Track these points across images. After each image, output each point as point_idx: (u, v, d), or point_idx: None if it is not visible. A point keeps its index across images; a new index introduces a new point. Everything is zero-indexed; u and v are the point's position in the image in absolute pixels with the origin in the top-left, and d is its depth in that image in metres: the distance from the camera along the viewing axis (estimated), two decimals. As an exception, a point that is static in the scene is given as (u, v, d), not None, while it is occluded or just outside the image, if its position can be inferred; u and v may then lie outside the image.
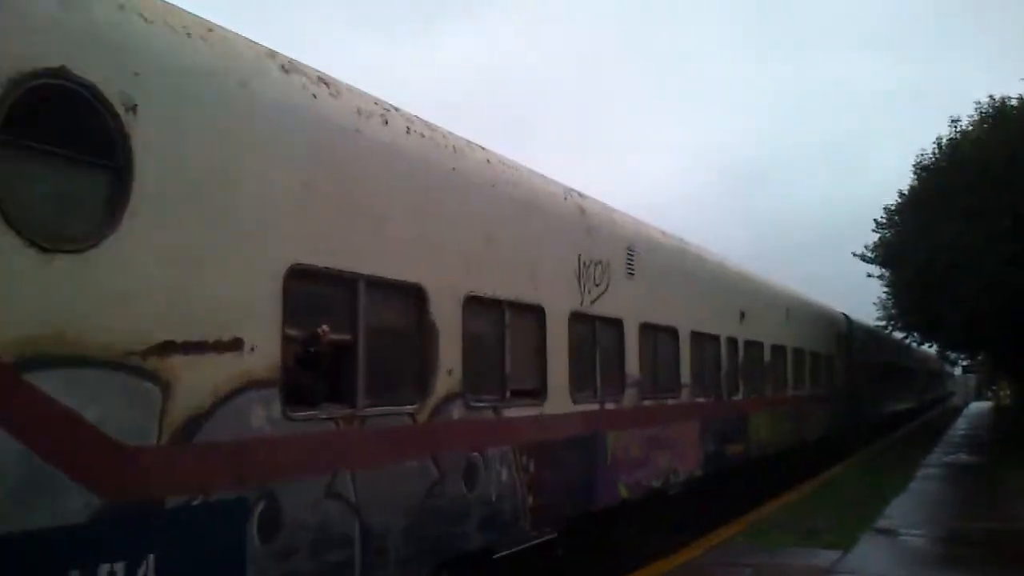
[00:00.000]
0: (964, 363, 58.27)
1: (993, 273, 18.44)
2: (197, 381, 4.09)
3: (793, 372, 16.44)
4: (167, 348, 3.94)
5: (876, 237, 26.59)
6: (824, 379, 19.63)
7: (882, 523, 11.19)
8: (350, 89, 5.53)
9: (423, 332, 5.78)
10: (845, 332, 22.80)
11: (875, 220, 26.34)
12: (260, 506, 4.40)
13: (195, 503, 4.05)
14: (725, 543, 9.85)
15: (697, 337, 11.21)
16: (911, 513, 12.22)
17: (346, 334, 5.15)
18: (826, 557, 8.92)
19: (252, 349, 4.38)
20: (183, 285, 4.06)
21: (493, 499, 6.39)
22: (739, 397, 12.96)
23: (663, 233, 10.87)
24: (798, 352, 17.00)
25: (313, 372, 4.97)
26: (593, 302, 8.33)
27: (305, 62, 5.22)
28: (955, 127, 22.51)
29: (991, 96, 21.54)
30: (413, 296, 5.73)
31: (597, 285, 8.47)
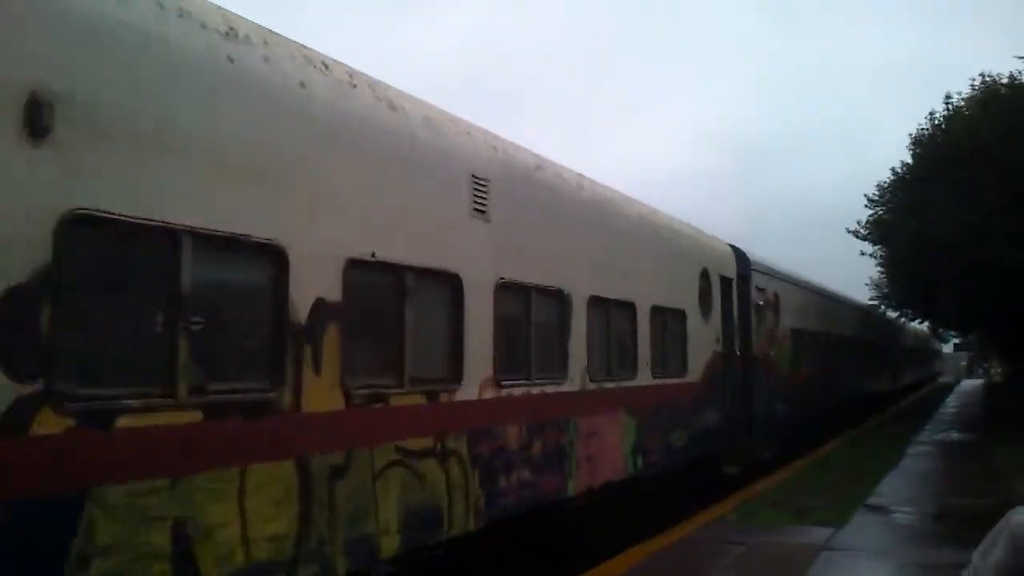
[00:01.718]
0: (956, 341, 58.00)
1: (986, 251, 18.03)
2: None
3: (502, 343, 6.67)
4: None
5: (869, 214, 26.07)
6: (661, 359, 9.96)
7: (874, 500, 11.24)
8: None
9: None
10: (732, 277, 12.98)
11: (867, 196, 25.76)
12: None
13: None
14: (716, 521, 9.78)
15: None
16: (903, 490, 12.29)
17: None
18: (818, 534, 8.90)
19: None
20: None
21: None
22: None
23: None
24: (538, 298, 7.28)
25: None
26: None
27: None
28: (949, 104, 22.32)
29: (981, 74, 21.68)
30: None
31: None
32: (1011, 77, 20.74)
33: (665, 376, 10.05)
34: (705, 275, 11.72)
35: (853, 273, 32.68)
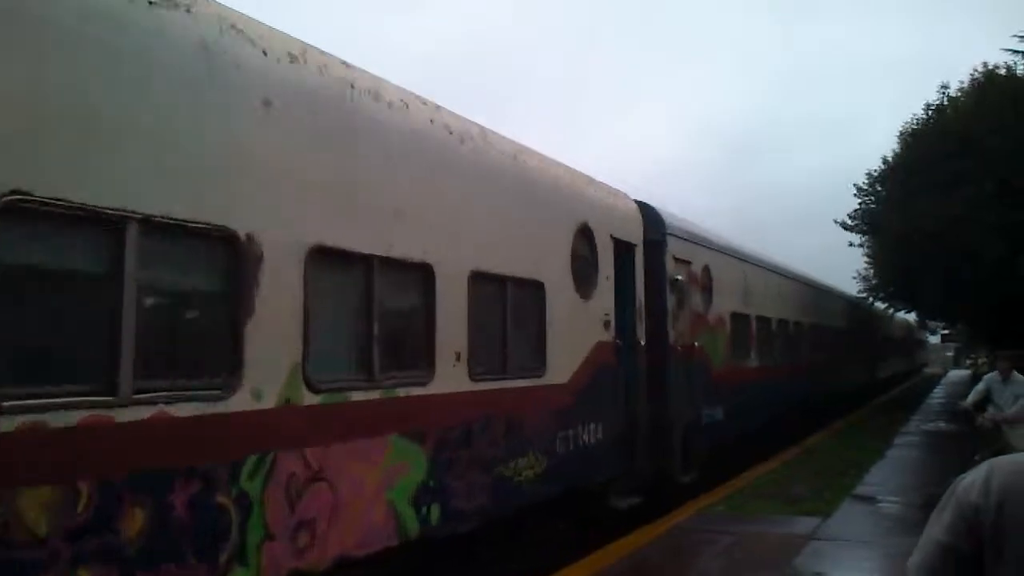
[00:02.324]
0: (944, 332, 57.11)
1: (973, 242, 17.77)
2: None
3: (23, 327, 3.31)
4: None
5: (857, 204, 25.86)
6: (494, 352, 6.65)
7: (861, 490, 11.22)
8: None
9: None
10: (637, 242, 9.61)
11: (856, 186, 25.47)
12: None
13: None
14: (705, 511, 9.65)
15: None
16: (890, 480, 12.16)
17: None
18: (806, 524, 8.91)
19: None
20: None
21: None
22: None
23: None
24: (159, 242, 3.90)
25: None
26: None
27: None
28: (944, 93, 22.30)
29: (984, 63, 21.56)
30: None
31: None
32: (1008, 68, 20.41)
33: (499, 377, 6.68)
34: (586, 234, 8.34)
35: (844, 266, 32.58)
